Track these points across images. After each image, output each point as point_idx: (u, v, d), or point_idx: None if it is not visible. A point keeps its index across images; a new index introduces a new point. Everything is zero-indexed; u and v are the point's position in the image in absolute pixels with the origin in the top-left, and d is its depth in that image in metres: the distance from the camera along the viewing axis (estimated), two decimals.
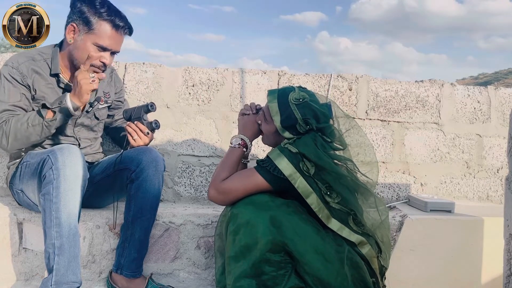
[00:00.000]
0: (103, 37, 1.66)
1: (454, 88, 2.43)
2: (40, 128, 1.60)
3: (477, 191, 2.44)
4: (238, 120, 1.65)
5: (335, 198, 1.42)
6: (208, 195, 1.50)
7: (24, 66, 1.68)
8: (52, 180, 1.46)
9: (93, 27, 1.65)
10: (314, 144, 1.43)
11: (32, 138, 1.63)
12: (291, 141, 1.46)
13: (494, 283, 1.89)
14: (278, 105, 1.50)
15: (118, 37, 1.70)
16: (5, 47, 18.13)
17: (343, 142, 1.52)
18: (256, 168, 1.48)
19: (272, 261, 1.34)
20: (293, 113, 1.48)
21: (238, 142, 1.57)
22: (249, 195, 1.44)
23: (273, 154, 1.45)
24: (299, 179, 1.41)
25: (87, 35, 1.66)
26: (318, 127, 1.48)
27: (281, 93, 1.53)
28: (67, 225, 1.45)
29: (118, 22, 1.67)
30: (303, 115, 1.47)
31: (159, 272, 1.83)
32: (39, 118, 1.60)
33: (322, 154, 1.42)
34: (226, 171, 1.51)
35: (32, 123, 1.60)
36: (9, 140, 1.62)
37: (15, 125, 1.60)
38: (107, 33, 1.66)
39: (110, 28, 1.67)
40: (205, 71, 2.28)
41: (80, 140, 1.83)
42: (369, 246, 1.43)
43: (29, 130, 1.60)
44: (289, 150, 1.43)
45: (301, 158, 1.42)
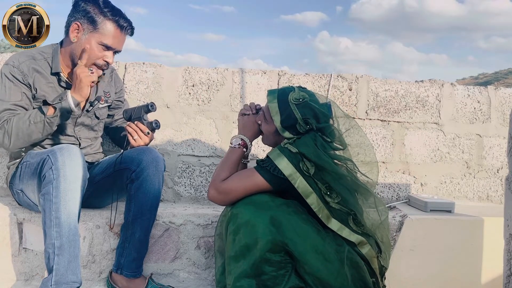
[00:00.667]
0: (108, 36, 1.68)
1: (454, 88, 2.43)
2: (42, 125, 1.61)
3: (477, 191, 2.44)
4: (238, 120, 1.65)
5: (335, 198, 1.42)
6: (208, 195, 1.51)
7: (24, 65, 1.68)
8: (52, 180, 1.46)
9: (98, 26, 1.67)
10: (314, 144, 1.43)
11: (34, 135, 1.63)
12: (291, 141, 1.46)
13: (494, 283, 1.89)
14: (278, 105, 1.50)
15: (122, 36, 1.73)
16: (4, 48, 18.11)
17: (343, 142, 1.52)
18: (256, 168, 1.48)
19: (272, 261, 1.34)
20: (293, 113, 1.48)
21: (238, 142, 1.58)
22: (249, 195, 1.44)
23: (273, 154, 1.45)
24: (299, 179, 1.41)
25: (92, 34, 1.68)
26: (318, 127, 1.48)
27: (281, 93, 1.53)
28: (67, 225, 1.45)
29: (122, 22, 1.70)
30: (303, 115, 1.47)
31: (159, 272, 1.83)
32: (40, 115, 1.60)
33: (322, 154, 1.42)
34: (226, 171, 1.51)
35: (34, 120, 1.60)
36: (11, 139, 1.62)
37: (16, 124, 1.61)
38: (111, 32, 1.69)
39: (114, 28, 1.69)
40: (205, 71, 2.28)
41: (81, 140, 1.83)
42: (369, 246, 1.43)
43: (31, 128, 1.61)
44: (289, 150, 1.43)
45: (301, 158, 1.42)
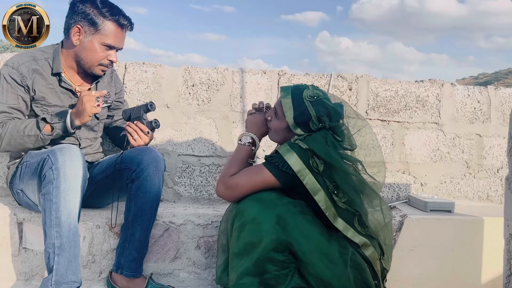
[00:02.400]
0: (110, 36, 1.70)
1: (454, 88, 2.43)
2: (35, 139, 1.64)
3: (477, 191, 2.44)
4: (246, 119, 1.64)
5: (342, 197, 1.41)
6: (216, 190, 1.51)
7: (24, 66, 1.68)
8: (52, 180, 1.46)
9: (99, 28, 1.68)
10: (325, 142, 1.42)
11: (26, 145, 1.67)
12: (302, 137, 1.44)
13: (494, 283, 1.89)
14: (292, 101, 1.49)
15: (122, 34, 1.75)
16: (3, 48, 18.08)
17: (353, 143, 1.52)
18: (264, 164, 1.46)
19: (276, 260, 1.33)
20: (307, 110, 1.47)
21: (248, 141, 1.57)
22: (256, 191, 1.43)
23: (283, 149, 1.43)
24: (308, 176, 1.39)
25: (94, 36, 1.69)
26: (331, 125, 1.47)
27: (295, 89, 1.52)
28: (67, 225, 1.45)
29: (122, 21, 1.72)
30: (317, 112, 1.46)
31: (159, 272, 1.83)
32: (36, 130, 1.62)
33: (332, 152, 1.41)
34: (234, 167, 1.51)
35: (29, 133, 1.63)
36: (3, 143, 1.65)
37: (11, 131, 1.63)
38: (113, 32, 1.70)
39: (115, 27, 1.71)
40: (205, 71, 2.28)
41: (81, 140, 1.83)
42: (372, 248, 1.42)
43: (24, 139, 1.64)
44: (299, 146, 1.41)
45: (311, 155, 1.40)
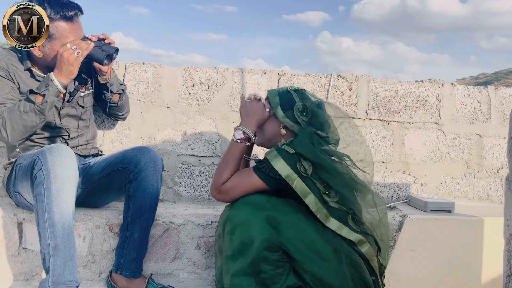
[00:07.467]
0: (66, 36, 1.65)
1: (454, 88, 2.43)
2: (33, 114, 1.60)
3: (477, 191, 2.44)
4: (240, 109, 1.61)
5: (334, 197, 1.42)
6: (210, 192, 1.54)
7: (3, 61, 1.68)
8: (43, 180, 1.45)
9: (52, 33, 1.63)
10: (311, 143, 1.45)
11: (28, 124, 1.62)
12: (288, 142, 1.47)
13: (494, 283, 1.89)
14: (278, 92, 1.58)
15: (76, 25, 1.68)
16: None
17: (336, 133, 1.56)
18: (254, 168, 1.49)
19: (270, 259, 1.34)
20: (292, 97, 1.54)
21: (241, 137, 1.55)
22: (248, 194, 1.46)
23: (270, 155, 1.46)
24: (296, 180, 1.41)
25: (52, 43, 1.65)
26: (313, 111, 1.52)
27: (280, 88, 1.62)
28: (60, 225, 1.44)
29: (67, 13, 1.64)
30: (302, 100, 1.54)
31: (159, 272, 1.83)
32: (29, 104, 1.59)
33: (319, 152, 1.44)
34: (228, 169, 1.51)
35: (24, 110, 1.59)
36: (8, 131, 1.62)
37: (9, 116, 1.60)
38: (66, 29, 1.65)
39: (65, 24, 1.65)
40: (205, 71, 2.28)
41: (70, 131, 1.82)
42: (368, 245, 1.43)
43: (23, 118, 1.60)
44: (286, 151, 1.44)
45: (298, 159, 1.42)
